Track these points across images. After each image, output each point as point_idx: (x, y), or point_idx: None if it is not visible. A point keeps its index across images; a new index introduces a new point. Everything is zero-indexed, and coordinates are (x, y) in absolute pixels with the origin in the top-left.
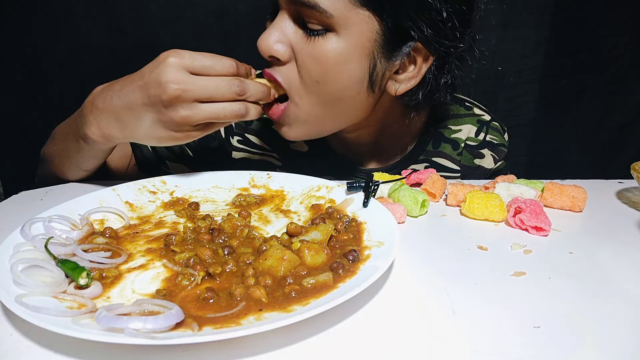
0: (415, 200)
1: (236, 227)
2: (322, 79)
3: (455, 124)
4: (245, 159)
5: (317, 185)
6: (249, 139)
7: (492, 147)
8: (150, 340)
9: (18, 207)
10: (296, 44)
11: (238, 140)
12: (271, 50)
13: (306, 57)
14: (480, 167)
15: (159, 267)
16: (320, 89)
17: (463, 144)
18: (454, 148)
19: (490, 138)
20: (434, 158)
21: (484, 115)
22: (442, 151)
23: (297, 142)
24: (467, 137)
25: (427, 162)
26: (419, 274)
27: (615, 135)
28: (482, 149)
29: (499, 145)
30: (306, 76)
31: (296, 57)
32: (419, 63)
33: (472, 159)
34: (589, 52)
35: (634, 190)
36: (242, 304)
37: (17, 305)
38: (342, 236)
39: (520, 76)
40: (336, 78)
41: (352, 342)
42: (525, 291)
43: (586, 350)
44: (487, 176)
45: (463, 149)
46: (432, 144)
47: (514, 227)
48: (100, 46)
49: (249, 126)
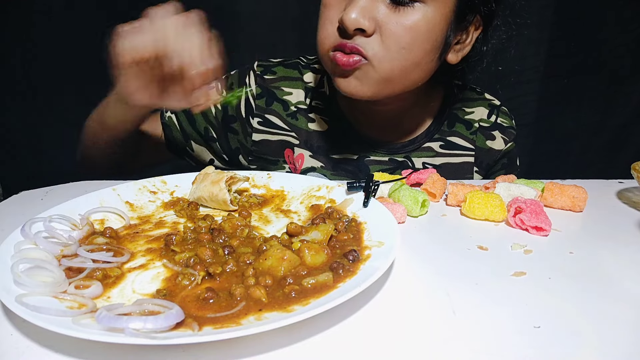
0: (415, 200)
1: (236, 227)
2: (410, 46)
3: (469, 107)
4: (265, 140)
5: (317, 185)
6: (269, 120)
7: (502, 130)
8: (151, 340)
9: (18, 207)
10: (382, 16)
11: (258, 122)
12: (359, 23)
13: (395, 26)
14: (491, 149)
15: (159, 267)
16: (403, 55)
17: (477, 124)
18: (467, 128)
19: (501, 121)
20: (448, 137)
21: (494, 100)
22: (457, 130)
23: (316, 121)
24: (479, 119)
25: (442, 141)
26: (419, 274)
27: (615, 135)
28: (494, 131)
29: (509, 127)
30: (393, 44)
31: (381, 28)
32: (472, 32)
33: (484, 140)
34: (589, 52)
35: (634, 190)
36: (242, 304)
37: (17, 305)
38: (342, 236)
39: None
40: (422, 45)
41: (352, 342)
42: (525, 291)
43: (586, 350)
44: (498, 158)
45: (477, 130)
46: (447, 124)
47: (514, 227)
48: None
49: (270, 107)
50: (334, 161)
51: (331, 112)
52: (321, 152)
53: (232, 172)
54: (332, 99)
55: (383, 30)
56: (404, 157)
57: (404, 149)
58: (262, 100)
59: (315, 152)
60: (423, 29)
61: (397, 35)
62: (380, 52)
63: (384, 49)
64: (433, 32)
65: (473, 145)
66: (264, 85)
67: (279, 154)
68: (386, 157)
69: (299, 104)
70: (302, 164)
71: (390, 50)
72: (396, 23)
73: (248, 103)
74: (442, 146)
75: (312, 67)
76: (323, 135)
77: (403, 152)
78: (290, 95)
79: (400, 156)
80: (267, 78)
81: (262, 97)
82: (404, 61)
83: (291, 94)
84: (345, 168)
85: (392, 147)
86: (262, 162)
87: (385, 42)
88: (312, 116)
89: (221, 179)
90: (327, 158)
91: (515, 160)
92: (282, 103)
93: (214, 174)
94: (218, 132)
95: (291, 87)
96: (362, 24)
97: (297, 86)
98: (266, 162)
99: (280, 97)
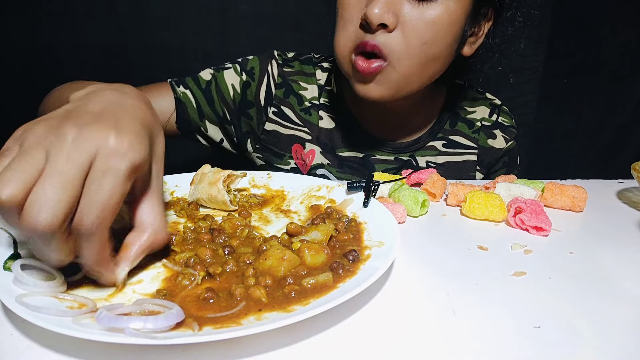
0: (415, 200)
1: (236, 227)
2: (432, 41)
3: (471, 106)
4: (275, 131)
5: (317, 185)
6: (283, 112)
7: (503, 129)
8: (151, 340)
9: None
10: (405, 11)
11: (273, 111)
12: (383, 18)
13: (417, 21)
14: (493, 148)
15: (159, 267)
16: (424, 51)
17: (479, 123)
18: (469, 127)
19: (502, 120)
20: (450, 136)
21: (495, 100)
22: (459, 129)
23: (324, 119)
24: (481, 118)
25: (445, 140)
26: (419, 274)
27: (615, 135)
28: (495, 130)
29: (509, 126)
30: (414, 39)
31: (403, 23)
32: (483, 24)
33: (486, 139)
34: (589, 52)
35: (634, 190)
36: (242, 304)
37: (17, 305)
38: (342, 236)
39: (521, 76)
40: (444, 39)
41: (352, 342)
42: (525, 291)
43: (586, 350)
44: (499, 156)
45: (479, 129)
46: (450, 123)
47: (514, 227)
48: (100, 46)
49: (287, 99)
50: (340, 159)
51: (339, 110)
52: (328, 149)
53: (228, 171)
54: (340, 97)
55: (405, 25)
56: (409, 156)
57: (408, 148)
58: (281, 91)
59: (324, 149)
60: (445, 22)
61: (419, 30)
62: (400, 49)
63: (405, 45)
64: (454, 25)
65: (475, 143)
66: (284, 76)
67: (286, 148)
68: (391, 157)
69: (312, 100)
70: (312, 159)
71: (411, 46)
72: (419, 18)
73: (269, 90)
74: (445, 145)
75: (320, 65)
76: (330, 132)
77: (408, 151)
78: (305, 90)
79: (405, 155)
80: (286, 70)
81: (282, 88)
82: (424, 56)
83: (306, 90)
84: (351, 166)
85: (398, 146)
86: (268, 152)
87: (407, 37)
88: (322, 113)
89: (218, 180)
90: (334, 156)
91: (516, 158)
92: (297, 97)
93: (210, 173)
94: (233, 116)
95: (306, 83)
96: (386, 19)
97: (311, 82)
98: (272, 154)
99: (297, 91)
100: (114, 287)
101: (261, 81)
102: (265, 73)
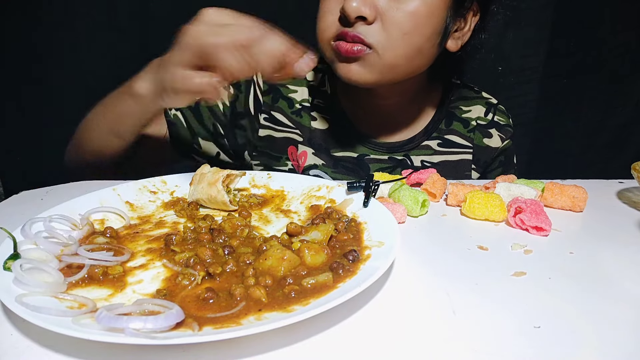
0: (415, 200)
1: (236, 227)
2: (412, 31)
3: (466, 105)
4: (269, 136)
5: (317, 185)
6: (274, 117)
7: (499, 128)
8: (151, 340)
9: (18, 207)
10: (383, 3)
11: (264, 117)
12: (360, 11)
13: (396, 13)
14: (488, 147)
15: (159, 267)
16: (406, 42)
17: (474, 122)
18: (464, 126)
19: (498, 119)
20: (446, 135)
21: (491, 98)
22: (454, 129)
23: (318, 120)
24: (477, 117)
25: (440, 139)
26: (419, 274)
27: (615, 135)
28: (491, 129)
29: (505, 125)
30: (395, 31)
31: (383, 14)
32: (469, 19)
33: (481, 138)
34: (589, 52)
35: (634, 190)
36: (242, 304)
37: (17, 305)
38: (342, 236)
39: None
40: (424, 30)
41: (352, 342)
42: (525, 291)
43: (586, 350)
44: (495, 155)
45: (474, 128)
46: (445, 123)
47: (514, 227)
48: (101, 46)
49: (276, 104)
50: (334, 159)
51: (332, 110)
52: (322, 150)
53: (227, 171)
54: (334, 97)
55: (384, 17)
56: (403, 156)
57: (402, 147)
58: (268, 97)
59: (317, 150)
60: (424, 13)
61: (398, 22)
62: (383, 40)
63: (387, 36)
64: (433, 16)
65: (471, 143)
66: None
67: (283, 150)
68: (385, 156)
69: (303, 102)
70: (305, 161)
71: (392, 38)
72: (397, 9)
73: (257, 99)
74: (440, 144)
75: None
76: (324, 133)
77: (402, 151)
78: (295, 93)
79: (400, 155)
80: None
81: (269, 94)
82: (407, 47)
83: (296, 92)
84: (346, 166)
85: (392, 145)
86: (265, 157)
87: (387, 29)
88: (315, 114)
89: (217, 180)
90: (328, 156)
91: (513, 157)
92: (287, 100)
93: (209, 174)
94: (226, 129)
95: (296, 85)
96: (364, 12)
97: (300, 84)
98: (269, 158)
99: (286, 94)
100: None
101: (248, 91)
102: (250, 82)
